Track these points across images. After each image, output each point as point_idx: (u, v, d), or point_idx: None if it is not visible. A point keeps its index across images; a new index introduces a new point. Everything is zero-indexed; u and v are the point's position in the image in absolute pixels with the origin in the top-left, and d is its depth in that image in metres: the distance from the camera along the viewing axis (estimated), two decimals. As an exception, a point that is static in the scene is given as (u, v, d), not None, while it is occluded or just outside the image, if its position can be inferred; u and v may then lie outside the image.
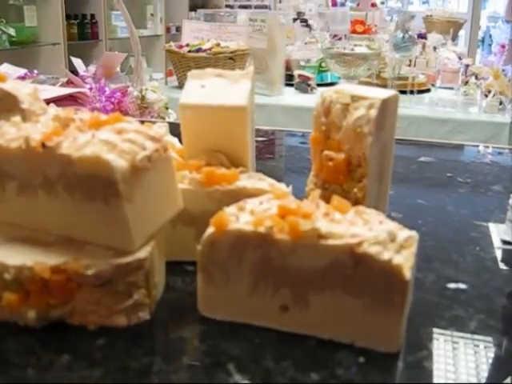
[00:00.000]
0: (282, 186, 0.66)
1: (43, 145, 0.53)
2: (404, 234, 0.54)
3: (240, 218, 0.54)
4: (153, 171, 0.54)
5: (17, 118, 0.61)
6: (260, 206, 0.56)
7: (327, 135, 0.64)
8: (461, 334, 0.56)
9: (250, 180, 0.65)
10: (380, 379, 0.49)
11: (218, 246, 0.54)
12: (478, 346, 0.54)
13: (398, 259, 0.51)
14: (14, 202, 0.58)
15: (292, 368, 0.50)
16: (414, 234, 0.55)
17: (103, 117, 0.57)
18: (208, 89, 0.68)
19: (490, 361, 0.53)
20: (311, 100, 2.56)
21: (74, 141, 0.53)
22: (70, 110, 0.59)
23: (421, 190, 0.94)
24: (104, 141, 0.52)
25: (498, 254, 0.73)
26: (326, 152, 0.64)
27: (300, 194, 0.63)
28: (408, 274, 0.51)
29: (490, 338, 0.55)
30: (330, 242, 0.51)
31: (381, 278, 0.51)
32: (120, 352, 0.51)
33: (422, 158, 1.08)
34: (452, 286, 0.65)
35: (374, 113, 0.61)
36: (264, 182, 0.65)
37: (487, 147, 1.20)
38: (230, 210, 0.56)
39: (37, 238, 0.57)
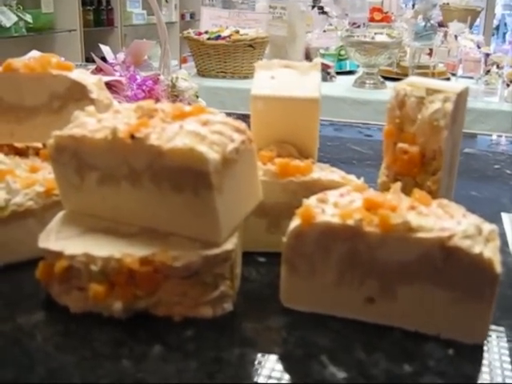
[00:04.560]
0: (352, 178, 0.66)
1: (132, 136, 0.53)
2: (487, 227, 0.55)
3: (326, 211, 0.54)
4: (240, 163, 0.54)
5: (91, 108, 0.61)
6: (342, 199, 0.56)
7: (401, 128, 0.64)
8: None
9: (322, 172, 0.65)
10: (473, 371, 0.50)
11: (305, 238, 0.54)
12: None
13: (487, 253, 0.51)
14: (94, 192, 0.58)
15: (384, 359, 0.50)
16: (495, 227, 0.55)
17: (186, 108, 0.57)
18: (278, 80, 0.68)
19: None
20: (331, 88, 2.55)
21: (162, 132, 0.53)
22: (150, 101, 0.59)
23: (472, 182, 0.94)
24: (193, 132, 0.52)
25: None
26: (401, 145, 0.64)
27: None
28: (499, 267, 0.51)
29: None
30: (421, 235, 0.51)
31: (471, 271, 0.51)
32: (211, 343, 0.52)
33: (467, 150, 1.08)
34: (523, 278, 0.65)
35: (450, 106, 0.61)
36: (336, 174, 0.66)
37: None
38: (311, 201, 0.56)
39: (119, 229, 0.58)
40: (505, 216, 0.82)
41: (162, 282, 0.54)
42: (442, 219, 0.53)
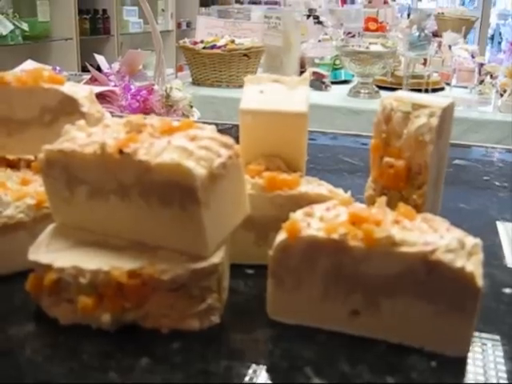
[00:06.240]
0: (339, 192, 0.67)
1: (120, 151, 0.54)
2: (470, 241, 0.55)
3: (311, 225, 0.55)
4: (227, 178, 0.55)
5: (82, 122, 0.62)
6: (328, 213, 0.57)
7: (387, 142, 0.65)
8: (524, 340, 0.57)
9: (309, 185, 0.66)
10: (455, 383, 0.51)
11: (291, 251, 0.55)
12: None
13: (470, 267, 0.52)
14: (84, 206, 0.59)
15: (367, 371, 0.51)
16: (478, 241, 0.56)
17: (175, 123, 0.58)
18: (267, 94, 0.69)
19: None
20: (325, 98, 2.56)
21: (150, 147, 0.54)
22: (140, 116, 0.60)
23: (461, 193, 0.95)
24: (181, 147, 0.53)
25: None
26: (387, 159, 0.65)
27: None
28: (480, 281, 0.52)
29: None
30: (404, 249, 0.52)
31: (453, 285, 0.52)
32: (197, 356, 0.53)
33: (457, 161, 1.09)
34: (508, 291, 0.66)
35: (435, 121, 0.62)
36: (323, 187, 0.66)
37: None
38: (297, 215, 0.57)
39: (108, 243, 0.58)
40: (500, 225, 0.83)
41: (150, 294, 0.55)
42: (426, 233, 0.54)
